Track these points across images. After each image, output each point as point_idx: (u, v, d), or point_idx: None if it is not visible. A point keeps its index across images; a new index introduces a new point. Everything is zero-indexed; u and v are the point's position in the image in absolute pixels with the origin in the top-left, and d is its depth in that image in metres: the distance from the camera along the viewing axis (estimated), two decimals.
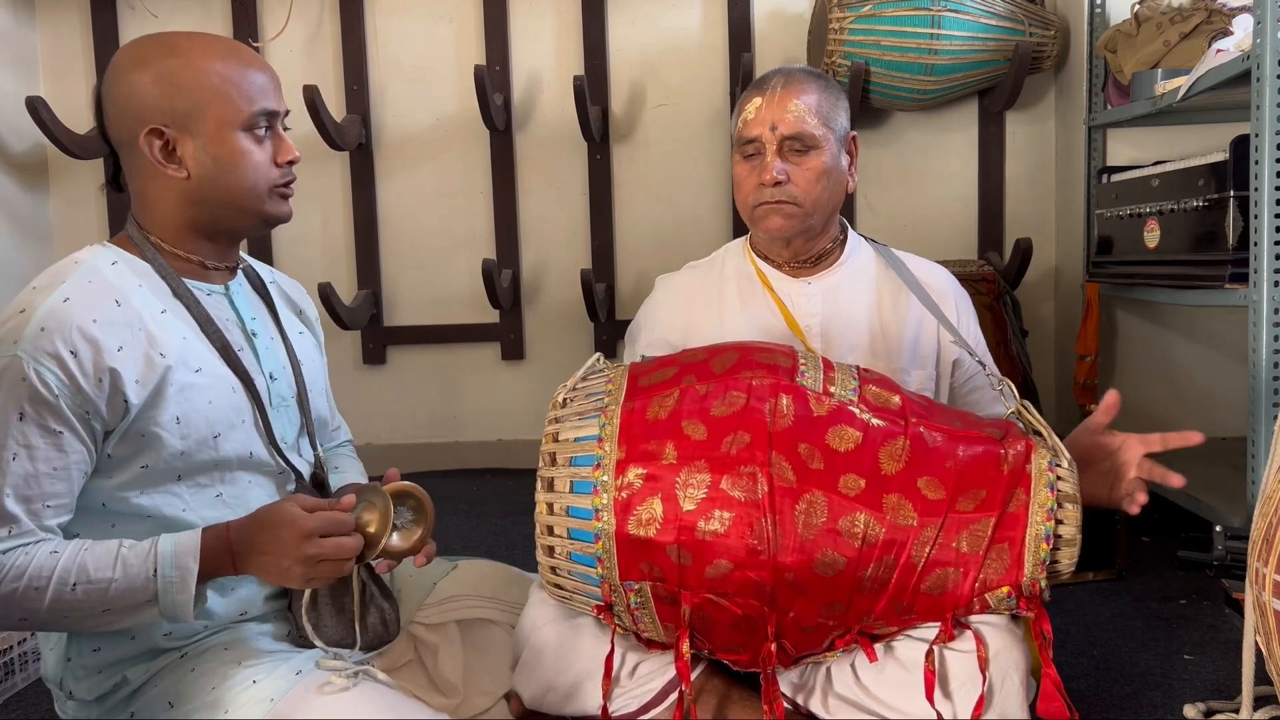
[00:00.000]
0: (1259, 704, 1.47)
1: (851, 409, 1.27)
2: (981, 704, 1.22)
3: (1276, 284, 1.86)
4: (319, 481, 1.35)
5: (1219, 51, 2.05)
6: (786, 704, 1.34)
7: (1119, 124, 2.73)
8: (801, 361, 1.32)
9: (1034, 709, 1.24)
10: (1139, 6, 2.51)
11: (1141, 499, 1.34)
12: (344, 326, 3.01)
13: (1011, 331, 2.51)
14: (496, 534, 2.58)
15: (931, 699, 1.23)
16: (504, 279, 3.05)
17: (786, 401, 1.25)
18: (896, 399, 1.30)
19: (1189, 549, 2.23)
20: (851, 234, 1.67)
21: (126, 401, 1.14)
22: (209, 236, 1.27)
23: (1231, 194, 1.99)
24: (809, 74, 1.58)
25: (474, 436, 3.25)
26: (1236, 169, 1.98)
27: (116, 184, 1.29)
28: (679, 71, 3.12)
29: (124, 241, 1.26)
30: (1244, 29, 2.04)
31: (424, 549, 1.29)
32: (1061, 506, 1.22)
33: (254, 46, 2.91)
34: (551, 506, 1.26)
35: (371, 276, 3.19)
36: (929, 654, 1.24)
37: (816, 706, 1.34)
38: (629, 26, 3.12)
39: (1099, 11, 2.79)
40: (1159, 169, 2.31)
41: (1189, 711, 1.56)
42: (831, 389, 1.29)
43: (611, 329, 3.15)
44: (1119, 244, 2.50)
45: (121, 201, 3.12)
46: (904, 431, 1.25)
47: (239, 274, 1.34)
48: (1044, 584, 1.22)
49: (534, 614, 1.38)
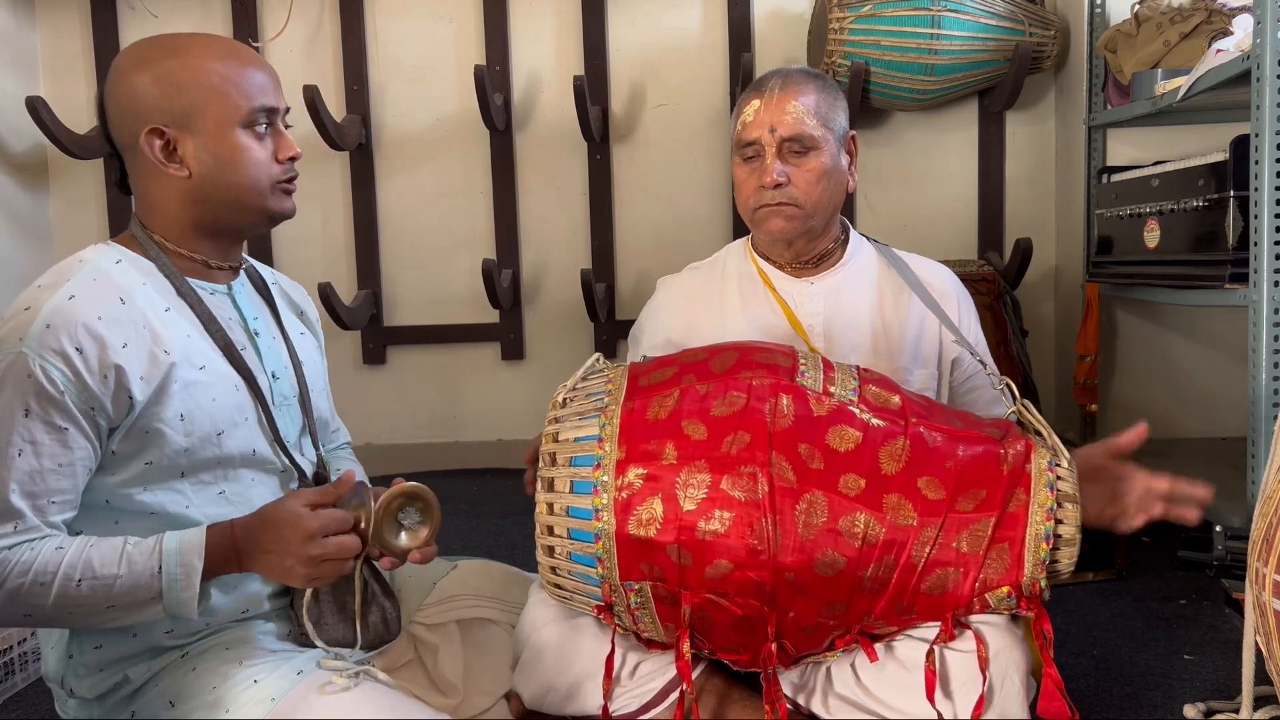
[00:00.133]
0: (1259, 704, 1.47)
1: (851, 409, 1.27)
2: (982, 704, 1.22)
3: (1276, 284, 1.86)
4: (321, 481, 1.36)
5: (1219, 51, 2.05)
6: (787, 704, 1.33)
7: (1119, 124, 2.73)
8: (801, 361, 1.33)
9: (1034, 709, 1.24)
10: (1139, 6, 2.52)
11: (1137, 523, 1.32)
12: (344, 326, 3.01)
13: (1011, 331, 2.51)
14: (496, 534, 2.58)
15: (932, 699, 1.23)
16: (504, 279, 3.05)
17: (786, 401, 1.25)
18: (896, 399, 1.30)
19: (1189, 549, 2.22)
20: (853, 234, 1.67)
21: (131, 398, 1.14)
22: (212, 235, 1.27)
23: (1231, 194, 1.99)
24: (807, 75, 1.58)
25: (474, 436, 3.25)
26: (1236, 169, 1.98)
27: (123, 186, 1.29)
28: (679, 71, 3.12)
29: (128, 241, 1.26)
30: (1244, 29, 2.05)
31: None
32: (1061, 506, 1.22)
33: (254, 46, 2.91)
34: (551, 506, 1.26)
35: (371, 276, 3.19)
36: (929, 654, 1.24)
37: (817, 706, 1.34)
38: (629, 26, 3.12)
39: (1099, 11, 2.79)
40: (1159, 169, 2.31)
41: (1189, 711, 1.56)
42: (831, 389, 1.29)
43: (611, 329, 3.15)
44: (1119, 244, 2.50)
45: (121, 201, 3.13)
46: (904, 431, 1.26)
47: (241, 274, 1.35)
48: (1044, 584, 1.22)
49: (534, 614, 1.38)
